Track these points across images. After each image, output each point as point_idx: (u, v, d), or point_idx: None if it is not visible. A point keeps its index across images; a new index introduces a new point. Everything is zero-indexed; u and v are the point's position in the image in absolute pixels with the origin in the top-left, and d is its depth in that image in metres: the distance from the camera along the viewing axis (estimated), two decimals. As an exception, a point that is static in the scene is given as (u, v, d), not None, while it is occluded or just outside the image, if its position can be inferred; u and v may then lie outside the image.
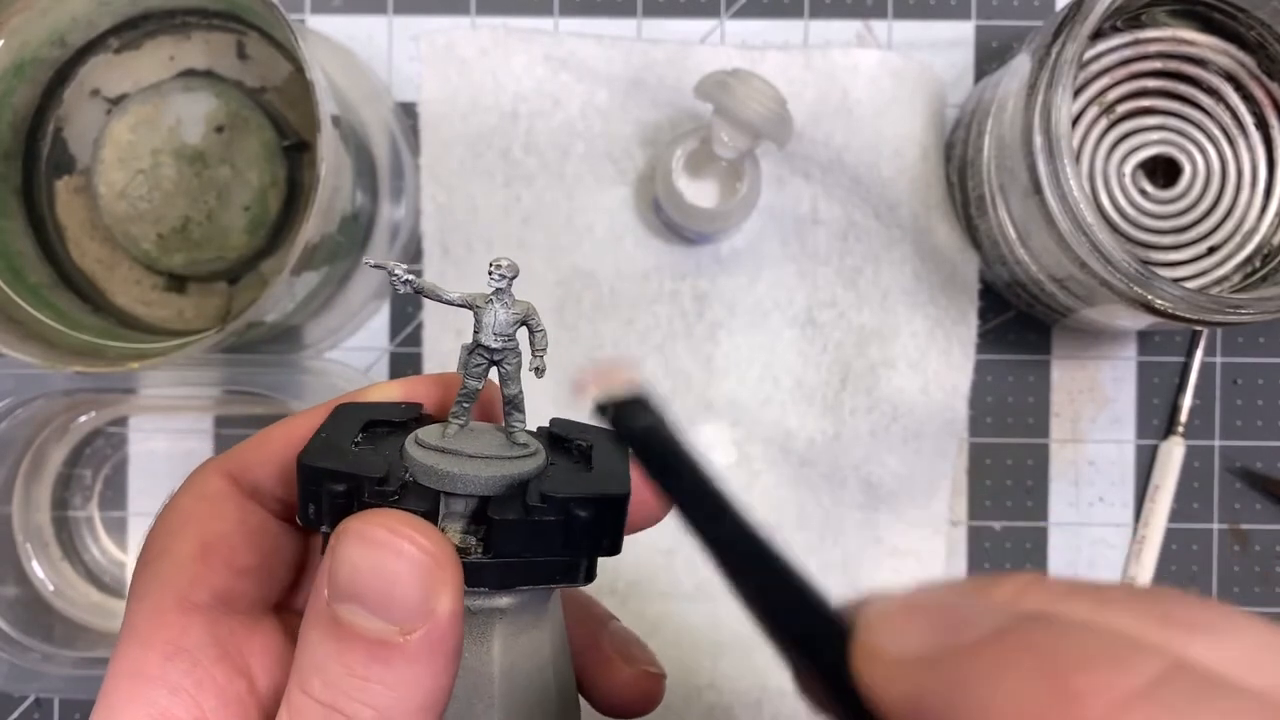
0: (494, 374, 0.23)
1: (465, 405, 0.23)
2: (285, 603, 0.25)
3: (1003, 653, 0.13)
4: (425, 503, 0.21)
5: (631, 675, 0.26)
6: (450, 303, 0.23)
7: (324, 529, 0.21)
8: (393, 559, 0.19)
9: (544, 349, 0.23)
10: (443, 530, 0.21)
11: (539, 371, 0.23)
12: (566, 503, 0.21)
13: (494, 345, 0.23)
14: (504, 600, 0.22)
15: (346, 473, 0.21)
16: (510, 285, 0.22)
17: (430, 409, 0.25)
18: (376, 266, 0.22)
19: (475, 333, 0.23)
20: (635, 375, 0.20)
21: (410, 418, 0.24)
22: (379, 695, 0.19)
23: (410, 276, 0.22)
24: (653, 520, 0.24)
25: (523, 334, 0.23)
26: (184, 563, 0.22)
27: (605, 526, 0.22)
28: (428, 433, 0.23)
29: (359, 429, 0.23)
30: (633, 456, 0.19)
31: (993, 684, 0.13)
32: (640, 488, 0.23)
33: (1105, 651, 0.13)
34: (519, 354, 0.23)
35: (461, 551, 0.21)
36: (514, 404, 0.23)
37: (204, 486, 0.23)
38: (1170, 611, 0.14)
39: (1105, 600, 0.15)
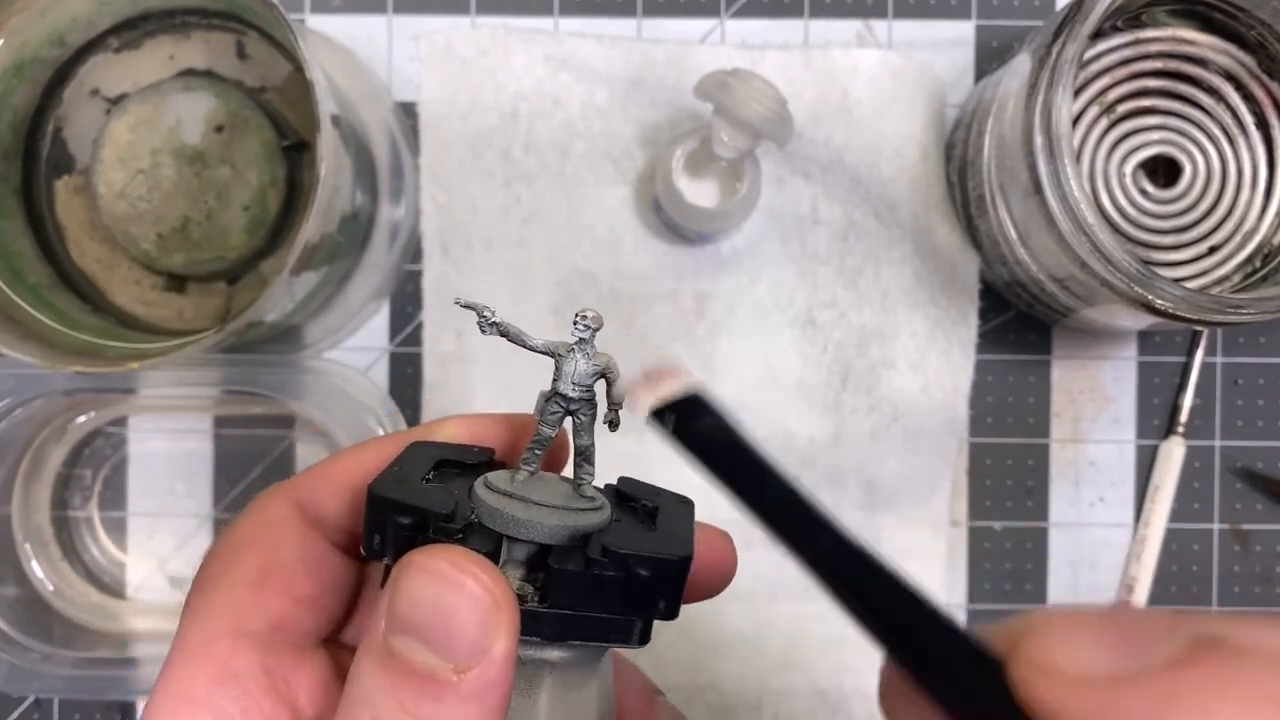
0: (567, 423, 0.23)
1: (537, 453, 0.23)
2: (335, 636, 0.25)
3: (1212, 676, 0.13)
4: (488, 544, 0.21)
5: None
6: (532, 348, 0.23)
7: (387, 560, 0.21)
8: (454, 594, 0.19)
9: (620, 403, 0.23)
10: (502, 573, 0.21)
11: (613, 425, 0.23)
12: (628, 559, 0.21)
13: (571, 395, 0.23)
14: (555, 653, 0.22)
15: (414, 506, 0.21)
16: (594, 336, 0.22)
17: (500, 453, 0.25)
18: (467, 306, 0.23)
19: (554, 380, 0.23)
20: (686, 376, 0.20)
21: (481, 461, 0.24)
22: None
23: (498, 319, 0.23)
24: (716, 590, 0.24)
25: (599, 386, 0.23)
26: (241, 587, 0.22)
27: (665, 588, 0.22)
28: (497, 477, 0.23)
29: (430, 467, 0.23)
30: (701, 465, 0.19)
31: (1207, 707, 0.13)
32: (710, 557, 0.23)
33: None
34: (595, 405, 0.23)
35: (519, 598, 0.21)
36: (584, 456, 0.23)
37: (268, 512, 0.23)
38: None
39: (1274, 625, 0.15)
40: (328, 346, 0.45)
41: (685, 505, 0.24)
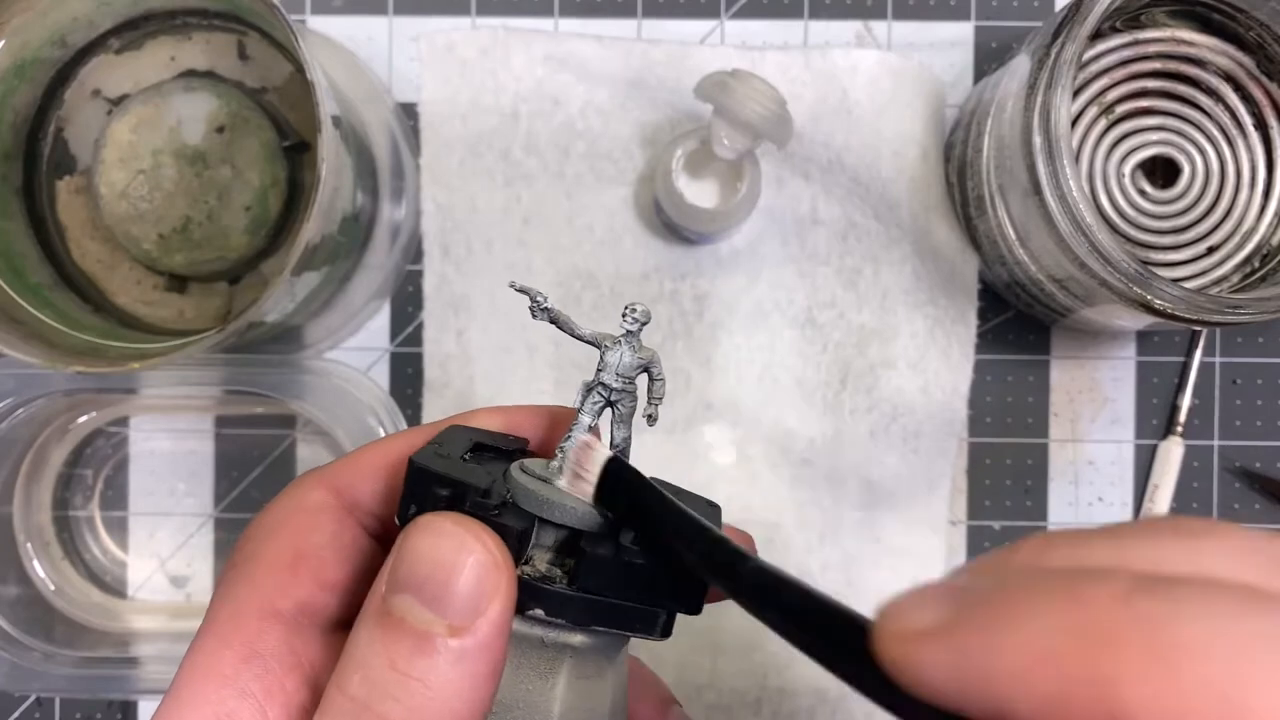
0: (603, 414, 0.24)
1: (574, 439, 0.23)
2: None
3: (1020, 597, 0.14)
4: (521, 522, 0.21)
5: None
6: (580, 337, 0.23)
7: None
8: (455, 551, 0.20)
9: (661, 398, 0.24)
10: (531, 556, 0.22)
11: (651, 419, 0.24)
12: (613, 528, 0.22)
13: (614, 385, 0.23)
14: (577, 638, 0.22)
15: (453, 478, 0.21)
16: (641, 330, 0.23)
17: (534, 444, 0.26)
18: (521, 290, 0.23)
19: (598, 371, 0.23)
20: (597, 449, 0.22)
21: (516, 448, 0.25)
22: (415, 694, 0.19)
23: (549, 305, 0.23)
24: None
25: (641, 381, 0.24)
26: (273, 569, 0.23)
27: (691, 583, 0.22)
28: (533, 463, 0.23)
29: (469, 448, 0.23)
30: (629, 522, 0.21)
31: (1019, 626, 0.14)
32: None
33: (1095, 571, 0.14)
34: (635, 399, 0.24)
35: (546, 579, 0.21)
36: (621, 449, 0.24)
37: (303, 496, 0.24)
38: (1127, 537, 0.16)
39: (1087, 541, 0.16)
40: (329, 347, 0.45)
41: (714, 509, 0.25)
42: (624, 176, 0.44)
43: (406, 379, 0.45)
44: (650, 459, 0.29)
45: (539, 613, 0.21)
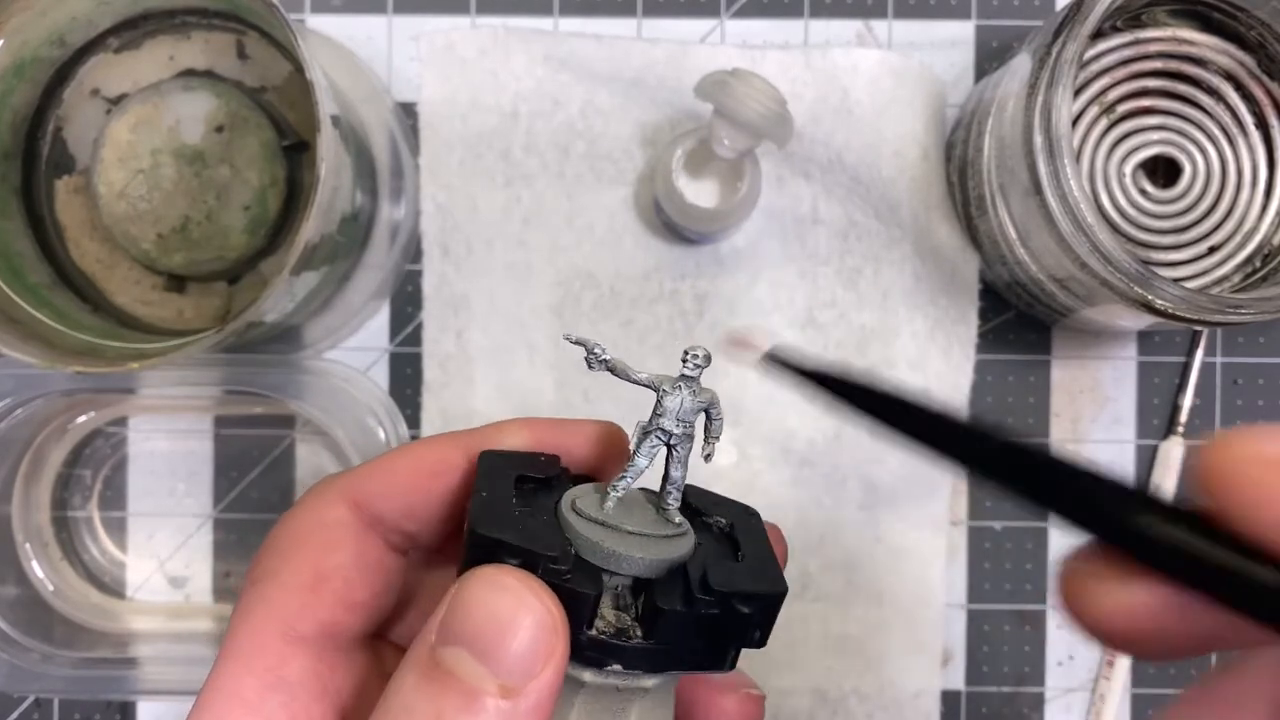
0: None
1: (629, 482, 0.23)
2: (381, 632, 0.24)
3: None
4: (593, 587, 0.21)
5: (734, 701, 0.26)
6: (638, 382, 0.23)
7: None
8: (513, 608, 0.19)
9: (719, 437, 0.23)
10: (600, 608, 0.21)
11: (708, 458, 0.23)
12: (730, 598, 0.21)
13: (674, 430, 0.23)
14: (650, 681, 0.22)
15: (524, 548, 0.20)
16: (701, 374, 0.23)
17: (566, 459, 0.25)
18: (577, 343, 0.23)
19: (656, 415, 0.23)
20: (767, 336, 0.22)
21: (554, 474, 0.24)
22: None
23: (607, 357, 0.23)
24: None
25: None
26: (294, 590, 0.22)
27: (762, 620, 0.22)
28: (585, 502, 0.22)
29: (512, 486, 0.22)
30: (826, 393, 0.21)
31: None
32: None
33: None
34: (693, 440, 0.23)
35: (621, 633, 0.21)
36: (675, 484, 0.23)
37: (324, 512, 0.23)
38: None
39: None
40: (328, 346, 0.45)
41: (754, 520, 0.25)
42: (624, 176, 0.44)
43: (406, 379, 0.45)
44: (650, 459, 0.28)
45: (616, 668, 0.21)
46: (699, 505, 0.24)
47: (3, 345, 0.35)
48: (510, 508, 0.21)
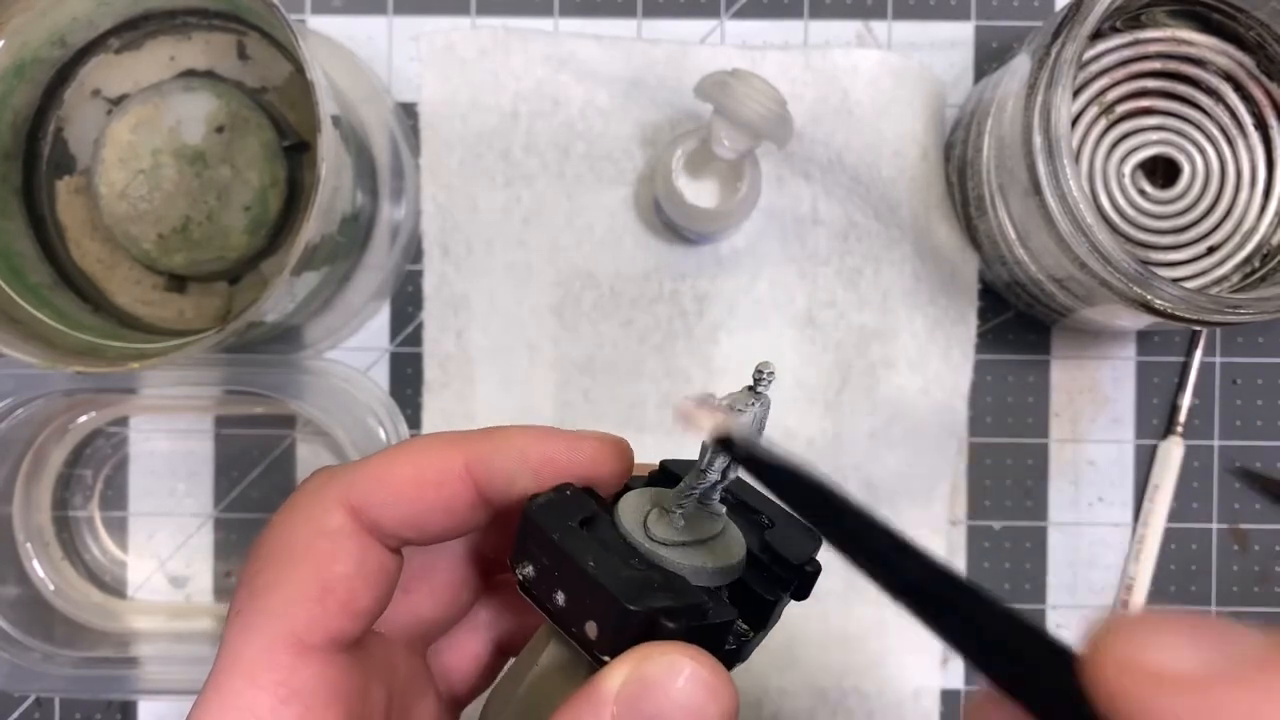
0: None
1: (694, 496, 0.23)
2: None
3: None
4: (730, 610, 0.22)
5: None
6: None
7: (604, 657, 0.20)
8: (710, 704, 0.19)
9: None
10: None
11: None
12: (804, 566, 0.23)
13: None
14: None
15: (680, 608, 0.21)
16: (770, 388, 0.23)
17: (570, 472, 0.24)
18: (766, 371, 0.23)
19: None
20: (737, 415, 0.21)
21: (591, 507, 0.23)
22: None
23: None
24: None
25: None
26: (301, 602, 0.22)
27: (814, 577, 0.24)
28: (656, 527, 0.22)
29: (591, 539, 0.22)
30: (766, 488, 0.21)
31: None
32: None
33: None
34: None
35: (739, 637, 0.22)
36: (728, 484, 0.23)
37: (322, 520, 0.22)
38: None
39: None
40: (328, 346, 0.45)
41: (740, 480, 0.25)
42: (624, 176, 0.44)
43: (406, 379, 0.45)
44: (651, 459, 0.29)
45: (737, 667, 0.22)
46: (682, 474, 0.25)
47: (4, 345, 0.35)
48: (624, 564, 0.21)
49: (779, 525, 0.24)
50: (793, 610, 0.44)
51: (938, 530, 0.44)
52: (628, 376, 0.44)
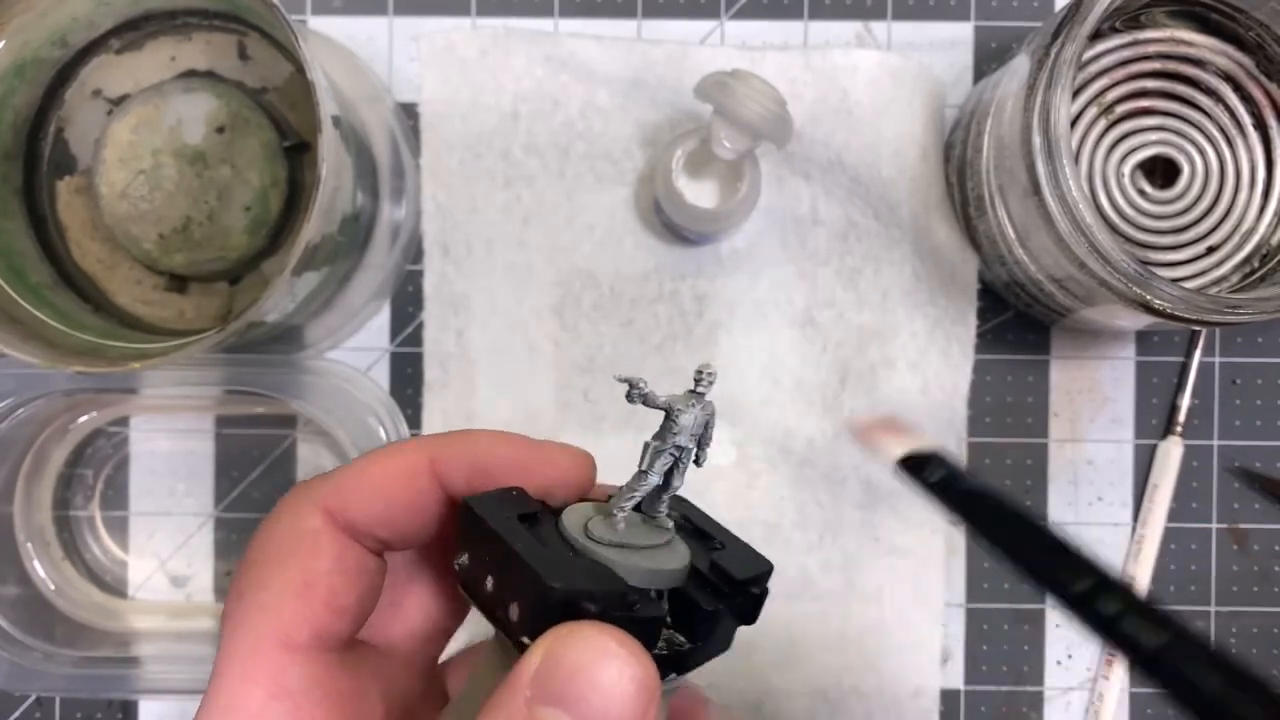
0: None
1: (638, 499, 0.23)
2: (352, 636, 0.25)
3: None
4: (658, 608, 0.22)
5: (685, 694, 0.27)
6: (659, 406, 0.23)
7: (525, 639, 0.21)
8: (616, 677, 0.19)
9: (709, 443, 0.24)
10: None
11: (699, 463, 0.24)
12: (750, 584, 0.23)
13: (686, 445, 0.23)
14: (679, 681, 0.23)
15: (603, 592, 0.21)
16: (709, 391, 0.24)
17: (533, 481, 0.25)
18: (623, 381, 0.23)
19: (670, 434, 0.23)
20: (922, 433, 0.22)
21: (535, 509, 0.24)
22: None
23: (646, 390, 0.23)
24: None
25: None
26: (286, 599, 0.22)
27: (761, 599, 0.23)
28: (596, 527, 0.23)
29: (526, 530, 0.22)
30: (960, 517, 0.20)
31: None
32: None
33: None
34: (693, 450, 0.24)
35: (671, 644, 0.22)
36: (673, 492, 0.24)
37: (302, 521, 0.23)
38: None
39: None
40: (329, 346, 0.45)
41: (686, 502, 0.25)
42: (624, 176, 0.44)
43: (406, 379, 0.45)
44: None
45: (674, 677, 0.22)
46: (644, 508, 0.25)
47: (5, 345, 0.35)
48: (555, 552, 0.22)
49: (729, 549, 0.24)
50: (792, 610, 0.44)
51: (937, 530, 0.44)
52: (628, 376, 0.44)
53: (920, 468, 0.21)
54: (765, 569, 0.23)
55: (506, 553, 0.21)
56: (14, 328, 0.37)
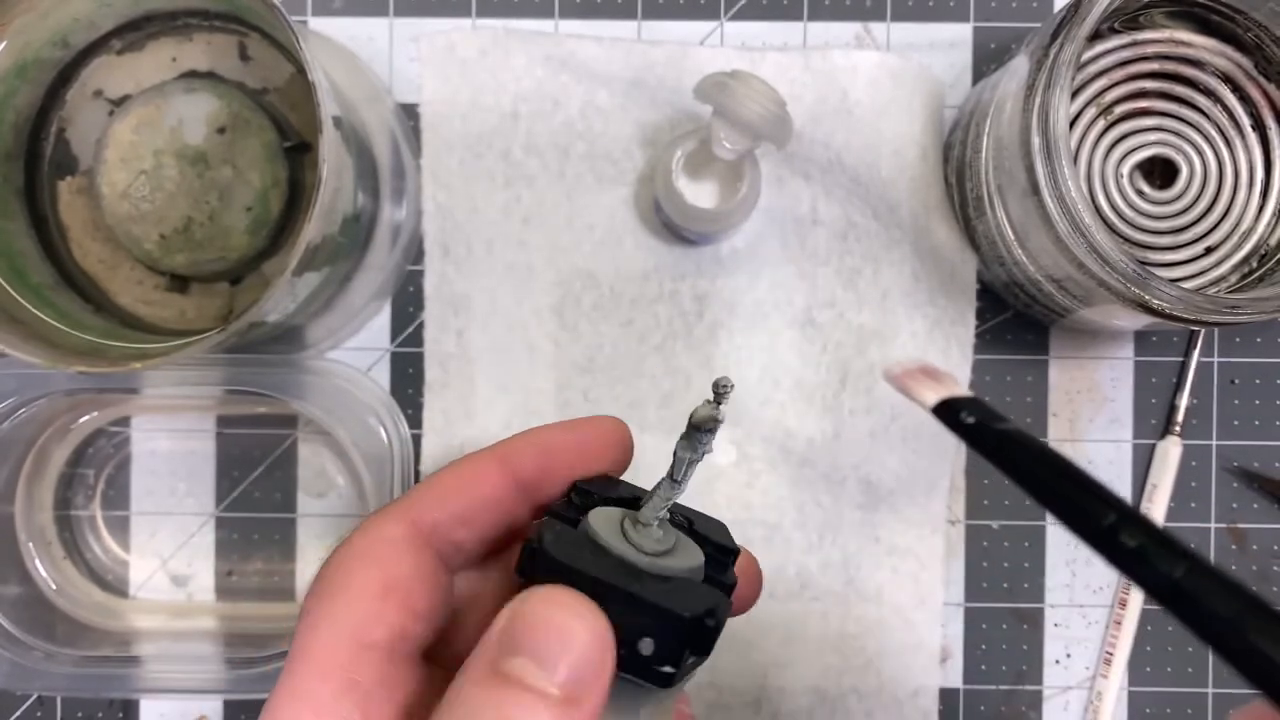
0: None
1: (666, 509, 0.25)
2: (431, 653, 0.26)
3: None
4: (732, 577, 0.25)
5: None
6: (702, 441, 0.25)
7: (666, 668, 0.22)
8: (576, 622, 0.21)
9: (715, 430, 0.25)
10: None
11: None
12: (731, 588, 0.25)
13: (711, 451, 0.25)
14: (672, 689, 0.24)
15: (706, 606, 0.23)
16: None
17: (582, 459, 0.27)
18: (726, 384, 0.24)
19: (702, 447, 0.24)
20: (957, 383, 0.23)
21: (575, 514, 0.25)
22: None
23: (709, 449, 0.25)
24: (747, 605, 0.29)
25: None
26: (365, 598, 0.23)
27: (715, 633, 0.24)
28: (643, 538, 0.24)
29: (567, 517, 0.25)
30: (985, 452, 0.22)
31: None
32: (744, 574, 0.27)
33: None
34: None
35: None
36: (678, 496, 0.25)
37: (385, 529, 0.25)
38: None
39: None
40: (329, 346, 0.45)
41: (720, 525, 0.28)
42: (624, 177, 0.44)
43: (407, 379, 0.45)
44: (651, 459, 0.29)
45: (668, 668, 0.23)
46: (601, 492, 0.26)
47: (6, 345, 0.35)
48: (580, 540, 0.23)
49: (697, 523, 0.26)
50: (792, 610, 0.44)
51: (937, 529, 0.44)
52: (628, 376, 0.44)
53: (956, 412, 0.22)
54: (712, 604, 0.23)
55: (613, 593, 0.22)
56: (15, 328, 0.37)
